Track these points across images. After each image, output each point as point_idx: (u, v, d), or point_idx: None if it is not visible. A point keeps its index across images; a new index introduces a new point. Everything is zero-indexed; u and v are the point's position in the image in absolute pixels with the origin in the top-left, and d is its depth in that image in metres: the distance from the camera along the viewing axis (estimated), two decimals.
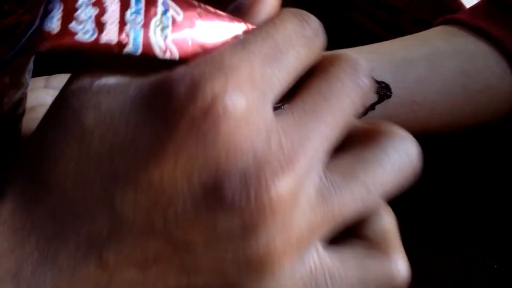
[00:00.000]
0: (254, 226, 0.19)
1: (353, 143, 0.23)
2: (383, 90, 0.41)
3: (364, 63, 0.23)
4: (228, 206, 0.19)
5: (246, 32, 0.22)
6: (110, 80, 0.21)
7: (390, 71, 0.42)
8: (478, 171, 0.47)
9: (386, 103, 0.41)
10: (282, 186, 0.19)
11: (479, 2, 0.47)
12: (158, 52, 0.21)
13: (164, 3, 0.21)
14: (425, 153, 0.47)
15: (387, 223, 0.24)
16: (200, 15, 0.22)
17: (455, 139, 0.47)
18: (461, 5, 0.60)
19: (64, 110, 0.20)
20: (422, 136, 0.45)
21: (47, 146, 0.20)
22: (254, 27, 0.23)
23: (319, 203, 0.20)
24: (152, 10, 0.21)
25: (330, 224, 0.21)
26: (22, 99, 0.26)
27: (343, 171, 0.21)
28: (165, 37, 0.21)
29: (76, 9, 0.20)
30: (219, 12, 0.23)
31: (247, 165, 0.19)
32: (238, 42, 0.21)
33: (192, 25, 0.22)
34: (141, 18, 0.21)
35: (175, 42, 0.21)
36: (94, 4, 0.21)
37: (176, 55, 0.21)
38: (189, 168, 0.19)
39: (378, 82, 0.41)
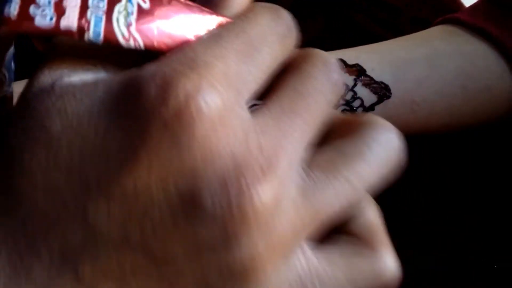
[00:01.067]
0: (236, 234, 0.18)
1: (333, 137, 0.22)
2: (382, 91, 0.41)
3: (334, 60, 0.22)
4: (208, 215, 0.18)
5: (218, 26, 0.22)
6: (75, 79, 0.20)
7: (389, 71, 0.42)
8: (478, 171, 0.47)
9: (386, 103, 0.41)
10: (264, 192, 0.18)
11: (479, 1, 0.47)
12: (121, 39, 0.20)
13: None
14: (425, 153, 0.47)
15: (373, 217, 0.23)
16: (169, 4, 0.21)
17: (455, 139, 0.47)
18: (461, 5, 0.60)
19: (27, 116, 0.19)
20: (422, 136, 0.45)
21: (14, 155, 0.19)
22: (227, 20, 0.22)
23: (302, 203, 0.19)
24: None
25: (315, 223, 0.20)
26: (6, 99, 0.25)
27: (325, 167, 0.20)
28: (129, 25, 0.20)
29: None
30: (189, 3, 0.22)
31: (226, 170, 0.18)
32: (211, 37, 0.20)
33: (159, 14, 0.21)
34: (104, 3, 0.20)
35: (140, 30, 0.20)
36: None
37: (140, 43, 0.20)
38: (164, 175, 0.18)
39: (377, 83, 0.41)
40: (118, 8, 0.20)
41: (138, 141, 0.18)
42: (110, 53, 0.21)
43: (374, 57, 0.43)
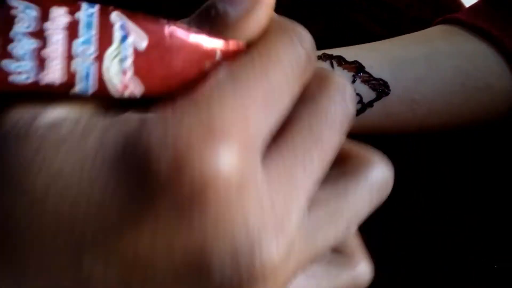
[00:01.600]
0: None
1: (335, 171, 0.22)
2: (381, 87, 0.41)
3: (349, 87, 0.22)
4: (216, 285, 0.17)
5: (225, 53, 0.19)
6: (60, 122, 0.17)
7: (389, 70, 0.42)
8: (478, 171, 0.47)
9: (385, 101, 0.41)
10: (276, 255, 0.17)
11: (478, 1, 0.47)
12: (113, 92, 0.17)
13: (123, 27, 0.17)
14: (424, 152, 0.47)
15: None
16: (171, 37, 0.18)
17: (454, 138, 0.47)
18: (461, 5, 0.60)
19: (6, 166, 0.17)
20: (421, 134, 0.45)
21: None
22: (239, 45, 0.19)
23: (304, 244, 0.19)
24: (107, 39, 0.17)
25: (313, 259, 0.20)
26: None
27: (327, 208, 0.20)
28: (124, 73, 0.17)
29: (10, 40, 0.16)
30: (194, 30, 0.19)
31: (238, 240, 0.17)
32: (227, 81, 0.18)
33: (160, 52, 0.18)
34: (93, 49, 0.17)
35: (137, 78, 0.17)
36: (33, 34, 0.17)
37: (138, 92, 0.18)
38: (170, 246, 0.17)
39: (376, 79, 0.41)
40: (110, 52, 0.17)
41: (143, 210, 0.16)
42: None
43: (373, 55, 0.43)
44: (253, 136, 0.18)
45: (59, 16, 0.17)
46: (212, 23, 0.19)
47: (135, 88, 0.18)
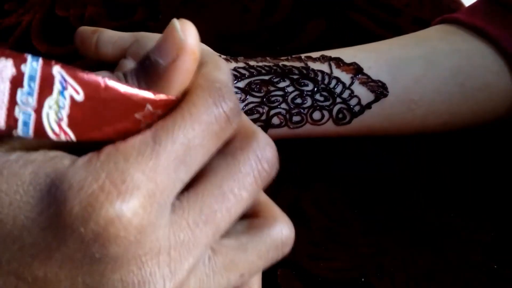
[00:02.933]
0: None
1: (242, 225, 0.25)
2: (379, 89, 0.41)
3: (272, 149, 0.24)
4: None
5: (156, 105, 0.21)
6: (8, 151, 0.20)
7: (387, 70, 0.42)
8: (477, 171, 0.47)
9: (384, 101, 0.41)
10: None
11: (477, 1, 0.47)
12: (51, 135, 0.20)
13: (62, 82, 0.20)
14: (424, 152, 0.47)
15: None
16: (105, 91, 0.20)
17: (453, 138, 0.47)
18: (461, 5, 0.60)
19: None
20: (420, 135, 0.45)
21: None
22: (167, 99, 0.22)
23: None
24: (47, 90, 0.19)
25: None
26: None
27: (225, 258, 0.23)
28: (60, 120, 0.20)
29: None
30: (127, 86, 0.21)
31: (132, 281, 0.20)
32: (148, 141, 0.21)
33: (94, 104, 0.20)
34: (33, 100, 0.19)
35: (72, 125, 0.20)
36: None
37: (72, 138, 0.20)
38: (74, 273, 0.20)
39: (374, 81, 0.41)
40: (49, 102, 0.19)
41: (55, 241, 0.19)
42: None
43: (372, 56, 0.43)
44: (160, 191, 0.20)
45: (6, 68, 0.19)
46: (147, 73, 0.22)
47: (69, 135, 0.20)
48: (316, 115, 0.41)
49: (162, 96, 0.22)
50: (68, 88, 0.20)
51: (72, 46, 0.52)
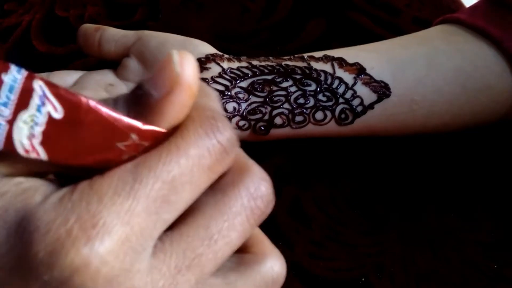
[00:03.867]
0: None
1: (231, 261, 0.23)
2: (382, 89, 0.41)
3: (267, 184, 0.22)
4: None
5: (140, 134, 0.20)
6: None
7: (389, 70, 0.42)
8: (478, 171, 0.47)
9: (386, 102, 0.41)
10: None
11: (478, 1, 0.47)
12: (21, 151, 0.19)
13: (42, 97, 0.19)
14: (426, 153, 0.47)
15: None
16: (87, 113, 0.19)
17: (454, 139, 0.47)
18: (461, 5, 0.60)
19: None
20: (422, 135, 0.45)
21: None
22: (155, 131, 0.20)
23: None
24: (24, 104, 0.18)
25: None
26: None
27: None
28: (32, 136, 0.19)
29: None
30: (112, 112, 0.19)
31: None
32: (127, 178, 0.19)
33: (72, 125, 0.19)
34: (8, 112, 0.18)
35: (44, 143, 0.19)
36: None
37: (43, 157, 0.19)
38: None
39: (377, 81, 0.41)
40: (24, 117, 0.18)
41: (20, 281, 0.18)
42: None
43: (374, 56, 0.43)
44: (137, 235, 0.19)
45: None
46: (138, 102, 0.20)
47: (40, 153, 0.19)
48: (319, 115, 0.41)
49: (150, 127, 0.20)
50: (46, 105, 0.19)
51: (73, 46, 0.52)
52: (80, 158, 0.19)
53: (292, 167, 0.46)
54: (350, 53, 0.43)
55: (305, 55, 0.43)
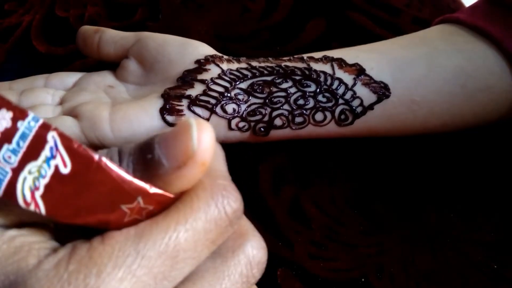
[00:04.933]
0: None
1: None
2: (381, 90, 0.41)
3: (264, 255, 0.22)
4: None
5: (147, 197, 0.19)
6: None
7: (389, 71, 0.42)
8: (478, 171, 0.47)
9: (386, 102, 0.41)
10: None
11: (478, 1, 0.47)
12: (21, 203, 0.18)
13: (52, 149, 0.18)
14: (426, 153, 0.47)
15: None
16: (95, 172, 0.18)
17: (454, 139, 0.47)
18: (461, 5, 0.60)
19: None
20: (422, 136, 0.45)
21: None
22: (162, 195, 0.19)
23: None
24: (34, 154, 0.18)
25: None
26: None
27: None
28: (35, 189, 0.18)
29: None
30: (122, 172, 0.19)
31: None
32: (130, 249, 0.18)
33: (79, 182, 0.18)
34: (15, 159, 0.18)
35: (46, 198, 0.18)
36: None
37: (42, 211, 0.18)
38: None
39: (377, 82, 0.41)
40: (30, 167, 0.18)
41: None
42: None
43: (373, 57, 0.43)
44: None
45: (3, 120, 0.18)
46: (146, 166, 0.19)
47: (40, 207, 0.18)
48: (319, 116, 0.41)
49: (157, 191, 0.19)
50: (56, 157, 0.18)
51: (73, 46, 0.52)
52: (81, 218, 0.19)
53: (292, 167, 0.46)
54: (349, 54, 0.43)
55: (305, 55, 0.43)
